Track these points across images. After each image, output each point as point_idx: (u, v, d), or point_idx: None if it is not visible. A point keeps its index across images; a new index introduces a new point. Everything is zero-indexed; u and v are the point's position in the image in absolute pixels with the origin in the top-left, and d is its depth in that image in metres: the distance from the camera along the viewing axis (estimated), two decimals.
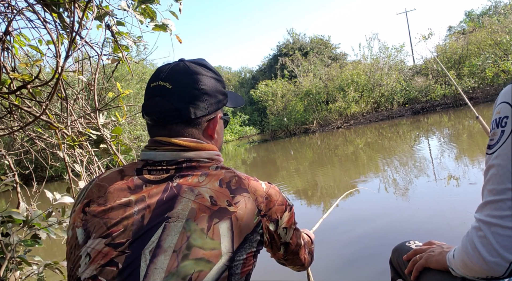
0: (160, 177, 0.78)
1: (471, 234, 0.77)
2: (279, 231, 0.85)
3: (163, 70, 0.86)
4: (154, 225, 0.71)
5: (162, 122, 0.83)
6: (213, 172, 0.80)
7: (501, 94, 0.79)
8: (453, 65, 16.44)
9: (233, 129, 26.01)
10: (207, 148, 0.85)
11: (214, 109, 0.87)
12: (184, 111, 0.81)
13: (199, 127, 0.85)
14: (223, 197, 0.75)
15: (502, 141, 0.74)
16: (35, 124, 2.31)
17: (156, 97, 0.82)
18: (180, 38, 1.96)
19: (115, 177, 0.81)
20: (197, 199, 0.74)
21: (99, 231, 0.72)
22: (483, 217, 0.74)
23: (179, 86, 0.82)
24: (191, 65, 0.86)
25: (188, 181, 0.77)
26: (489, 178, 0.76)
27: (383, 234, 3.22)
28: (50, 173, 11.41)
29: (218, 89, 0.88)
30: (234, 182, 0.79)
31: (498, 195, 0.73)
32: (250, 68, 36.34)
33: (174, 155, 0.81)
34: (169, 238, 0.69)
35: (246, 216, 0.76)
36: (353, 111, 17.24)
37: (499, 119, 0.76)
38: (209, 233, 0.71)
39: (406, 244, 1.17)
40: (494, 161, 0.75)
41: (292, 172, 8.19)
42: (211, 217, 0.72)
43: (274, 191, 0.85)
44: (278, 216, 0.83)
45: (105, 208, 0.75)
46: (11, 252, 1.62)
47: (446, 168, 5.44)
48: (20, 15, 1.61)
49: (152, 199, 0.75)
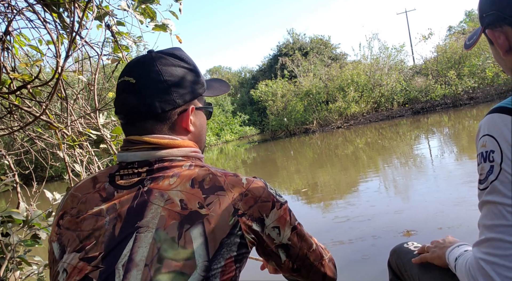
0: (131, 182, 0.73)
1: (473, 271, 0.76)
2: (268, 231, 0.76)
3: (130, 64, 0.81)
4: (126, 236, 0.66)
5: (132, 119, 0.79)
6: (185, 171, 0.74)
7: (482, 125, 0.79)
8: (453, 65, 16.43)
9: (233, 129, 26.01)
10: (181, 145, 0.79)
11: (185, 101, 0.80)
12: (150, 106, 0.76)
13: (169, 122, 0.79)
14: (195, 198, 0.69)
15: (493, 176, 0.74)
16: (35, 124, 2.31)
17: (122, 94, 0.78)
18: (180, 38, 1.96)
19: (87, 185, 0.77)
20: (167, 205, 0.68)
21: (73, 245, 0.69)
22: (484, 256, 0.74)
23: (142, 80, 0.77)
24: (157, 56, 0.80)
25: (159, 185, 0.71)
26: (486, 213, 0.76)
27: (383, 234, 3.21)
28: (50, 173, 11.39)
29: (188, 79, 0.81)
30: (207, 181, 0.72)
31: (499, 233, 0.72)
32: (250, 68, 36.41)
33: (145, 154, 0.75)
34: (140, 250, 0.65)
35: (220, 218, 0.69)
36: (353, 111, 17.23)
37: (486, 153, 0.76)
38: (181, 241, 0.65)
39: (404, 245, 1.17)
40: (487, 197, 0.75)
41: (292, 172, 8.19)
42: (181, 223, 0.67)
43: (257, 186, 0.76)
44: (262, 214, 0.74)
45: (77, 219, 0.71)
46: (11, 252, 1.62)
47: (446, 167, 5.44)
48: (20, 15, 1.61)
49: (123, 206, 0.70)
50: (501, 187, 0.72)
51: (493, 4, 0.80)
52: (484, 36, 0.87)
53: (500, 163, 0.73)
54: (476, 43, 0.90)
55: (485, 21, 0.83)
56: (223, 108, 27.94)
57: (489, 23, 0.82)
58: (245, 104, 29.43)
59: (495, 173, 0.73)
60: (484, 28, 0.84)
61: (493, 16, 0.80)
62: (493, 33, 0.81)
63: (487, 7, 0.81)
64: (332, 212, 4.45)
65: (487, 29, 0.83)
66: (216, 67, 39.78)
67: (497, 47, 0.82)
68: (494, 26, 0.81)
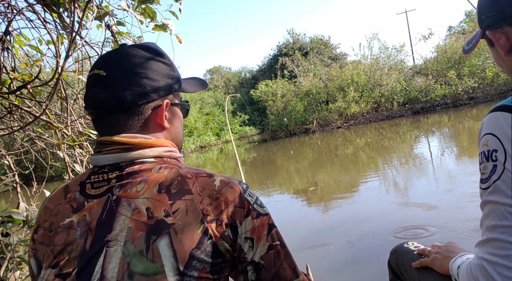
0: (101, 190, 0.69)
1: (475, 271, 0.76)
2: (241, 242, 0.68)
3: (100, 57, 0.77)
4: (97, 250, 0.63)
5: (102, 115, 0.73)
6: (153, 175, 0.68)
7: (484, 123, 0.78)
8: (453, 65, 16.43)
9: (233, 129, 26.02)
10: (154, 144, 0.74)
11: (160, 96, 0.76)
12: (121, 99, 0.71)
13: (142, 117, 0.74)
14: (161, 206, 0.64)
15: (496, 176, 0.74)
16: (35, 124, 2.31)
17: (92, 88, 0.73)
18: (180, 38, 1.96)
19: (59, 196, 0.73)
20: (134, 215, 0.64)
21: (48, 260, 0.66)
22: (486, 256, 0.74)
23: (114, 73, 0.72)
24: (130, 49, 0.76)
25: (127, 192, 0.67)
26: (488, 213, 0.76)
27: (383, 234, 3.21)
28: (50, 173, 11.40)
29: (163, 73, 0.77)
30: (175, 184, 0.67)
31: (501, 233, 0.72)
32: (250, 68, 36.33)
33: (116, 157, 0.70)
34: (111, 266, 0.61)
35: (187, 227, 0.63)
36: (353, 111, 17.24)
37: (488, 152, 0.75)
38: (149, 255, 0.61)
39: (404, 245, 1.17)
40: (490, 196, 0.75)
41: (292, 172, 8.19)
42: (148, 234, 0.62)
43: (231, 190, 0.69)
44: (235, 220, 0.67)
45: (50, 233, 0.68)
46: (11, 252, 1.63)
47: (446, 167, 5.44)
48: (20, 15, 1.61)
49: (93, 218, 0.66)
50: (504, 187, 0.72)
51: (492, 5, 0.80)
52: (484, 39, 0.87)
53: (503, 162, 0.72)
54: (475, 48, 0.90)
55: (484, 23, 0.83)
56: (223, 108, 27.95)
57: (489, 24, 0.81)
58: (245, 104, 29.46)
59: (498, 172, 0.73)
60: (484, 30, 0.84)
61: (493, 17, 0.80)
62: (493, 34, 0.81)
63: (486, 8, 0.81)
64: (332, 212, 4.45)
65: (487, 31, 0.83)
66: (216, 67, 39.73)
67: (498, 48, 0.82)
68: (494, 27, 0.81)
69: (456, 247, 1.01)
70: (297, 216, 4.52)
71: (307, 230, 3.80)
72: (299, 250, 3.20)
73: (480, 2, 0.84)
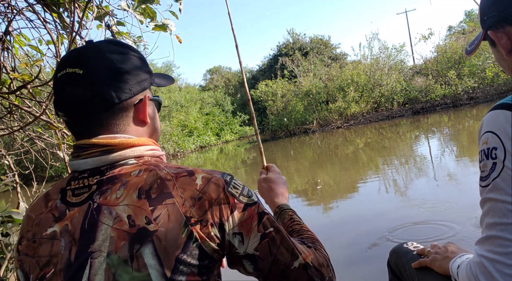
0: (82, 197, 0.67)
1: (474, 268, 0.77)
2: (229, 238, 0.66)
3: (69, 56, 0.73)
4: (82, 262, 0.61)
5: (81, 116, 0.69)
6: (133, 179, 0.66)
7: (484, 121, 0.79)
8: (453, 65, 16.43)
9: (233, 129, 26.01)
10: (135, 144, 0.71)
11: (140, 90, 0.74)
12: (105, 96, 0.68)
13: (125, 114, 0.72)
14: (141, 212, 0.62)
15: (495, 174, 0.74)
16: (35, 124, 2.31)
17: (67, 88, 0.68)
18: (180, 38, 1.96)
19: (40, 205, 0.71)
20: (115, 224, 0.62)
21: (35, 272, 0.64)
22: (485, 253, 0.74)
23: (92, 70, 0.68)
24: (101, 45, 0.73)
25: (107, 199, 0.64)
26: (487, 211, 0.76)
27: (382, 234, 3.21)
28: (50, 173, 11.40)
29: (140, 67, 0.75)
30: (155, 188, 0.64)
31: (500, 231, 0.73)
32: (250, 68, 36.27)
33: (96, 160, 0.68)
34: (97, 278, 0.60)
35: (170, 232, 0.61)
36: (353, 111, 17.23)
37: (488, 150, 0.76)
38: (134, 264, 0.59)
39: (404, 245, 1.18)
40: (489, 194, 0.75)
41: (292, 172, 8.19)
42: (131, 243, 0.60)
43: (214, 186, 0.67)
44: (221, 218, 0.65)
45: (34, 244, 0.66)
46: (11, 252, 1.63)
47: (446, 167, 5.44)
48: (20, 15, 1.61)
49: (75, 228, 0.64)
50: (503, 184, 0.72)
51: (494, 5, 0.80)
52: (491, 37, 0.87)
53: (503, 159, 0.73)
54: (477, 48, 0.90)
55: (486, 23, 0.83)
56: (223, 108, 27.95)
57: (491, 24, 0.82)
58: (245, 104, 29.43)
59: (498, 170, 0.73)
60: (486, 30, 0.84)
61: (495, 17, 0.80)
62: (495, 34, 0.82)
63: (489, 9, 0.82)
64: (331, 212, 4.45)
65: (489, 31, 0.83)
66: (216, 67, 39.71)
67: (499, 48, 0.82)
68: (496, 27, 0.81)
69: (456, 247, 1.00)
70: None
71: None
72: None
73: (482, 3, 0.85)
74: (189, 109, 23.91)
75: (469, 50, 0.92)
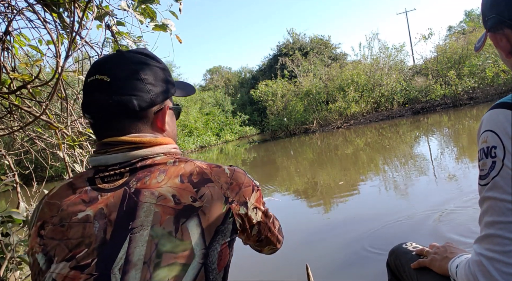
0: (116, 184, 0.73)
1: (473, 267, 0.77)
2: (250, 213, 0.81)
3: (99, 63, 0.79)
4: (119, 239, 0.67)
5: (105, 120, 0.77)
6: (171, 168, 0.75)
7: (484, 120, 0.79)
8: (453, 65, 16.43)
9: (233, 129, 26.01)
10: (162, 142, 0.79)
11: (161, 100, 0.80)
12: (127, 104, 0.74)
13: (146, 121, 0.79)
14: (187, 193, 0.72)
15: (495, 172, 0.74)
16: (35, 124, 2.31)
17: (95, 93, 0.75)
18: (180, 38, 1.96)
19: (65, 192, 0.75)
20: (160, 202, 0.70)
21: (62, 254, 0.67)
22: (484, 251, 0.74)
23: (118, 78, 0.75)
24: (129, 55, 0.79)
25: (146, 184, 0.72)
26: (486, 209, 0.76)
27: (382, 234, 3.21)
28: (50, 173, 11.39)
29: (163, 79, 0.81)
30: (195, 174, 0.75)
31: (499, 229, 0.73)
32: (250, 68, 36.31)
33: (126, 155, 0.74)
34: (137, 250, 0.65)
35: (213, 208, 0.72)
36: (353, 111, 17.23)
37: (487, 149, 0.76)
38: (178, 234, 0.67)
39: (403, 246, 1.17)
40: (488, 193, 0.75)
41: (292, 172, 8.19)
42: (177, 217, 0.69)
43: (239, 174, 0.81)
44: (246, 198, 0.80)
45: (62, 228, 0.70)
46: (11, 252, 1.63)
47: (446, 167, 5.44)
48: (20, 15, 1.61)
49: (111, 210, 0.69)
50: (503, 183, 0.72)
51: (493, 8, 0.81)
52: (490, 39, 0.88)
53: (502, 158, 0.73)
54: (483, 46, 0.91)
55: (487, 25, 0.84)
56: (223, 108, 27.95)
57: (491, 26, 0.82)
58: (245, 104, 29.44)
59: (497, 168, 0.73)
60: (487, 31, 0.85)
61: (494, 20, 0.81)
62: (494, 36, 0.82)
63: (488, 11, 0.83)
64: (331, 212, 4.45)
65: (489, 33, 0.84)
66: (216, 67, 39.70)
67: (499, 49, 0.83)
68: (495, 29, 0.82)
69: (455, 247, 1.00)
70: (297, 216, 4.52)
71: (307, 230, 3.80)
72: (299, 250, 3.21)
73: (483, 4, 0.85)
74: (189, 109, 23.91)
75: (477, 47, 0.93)
